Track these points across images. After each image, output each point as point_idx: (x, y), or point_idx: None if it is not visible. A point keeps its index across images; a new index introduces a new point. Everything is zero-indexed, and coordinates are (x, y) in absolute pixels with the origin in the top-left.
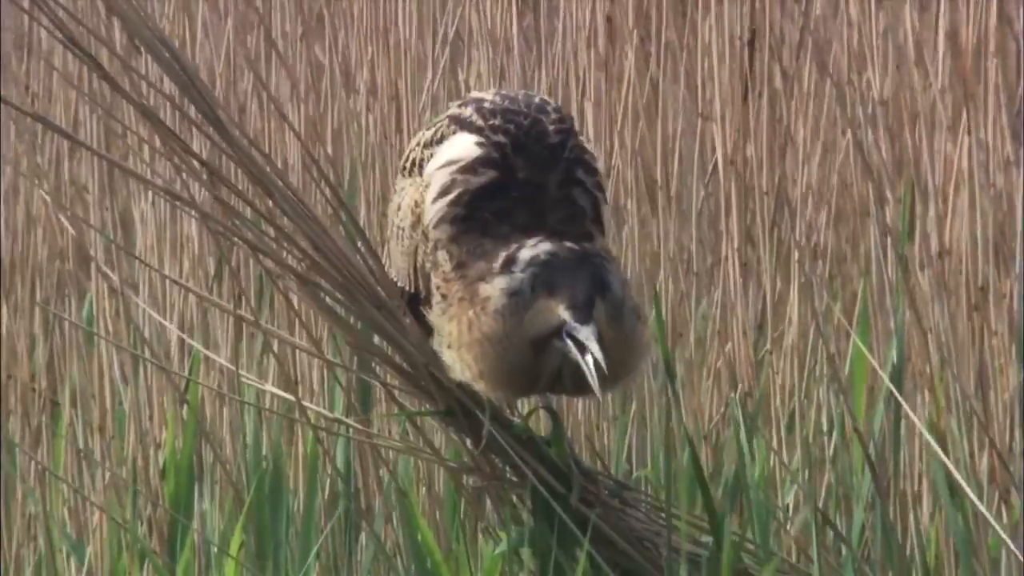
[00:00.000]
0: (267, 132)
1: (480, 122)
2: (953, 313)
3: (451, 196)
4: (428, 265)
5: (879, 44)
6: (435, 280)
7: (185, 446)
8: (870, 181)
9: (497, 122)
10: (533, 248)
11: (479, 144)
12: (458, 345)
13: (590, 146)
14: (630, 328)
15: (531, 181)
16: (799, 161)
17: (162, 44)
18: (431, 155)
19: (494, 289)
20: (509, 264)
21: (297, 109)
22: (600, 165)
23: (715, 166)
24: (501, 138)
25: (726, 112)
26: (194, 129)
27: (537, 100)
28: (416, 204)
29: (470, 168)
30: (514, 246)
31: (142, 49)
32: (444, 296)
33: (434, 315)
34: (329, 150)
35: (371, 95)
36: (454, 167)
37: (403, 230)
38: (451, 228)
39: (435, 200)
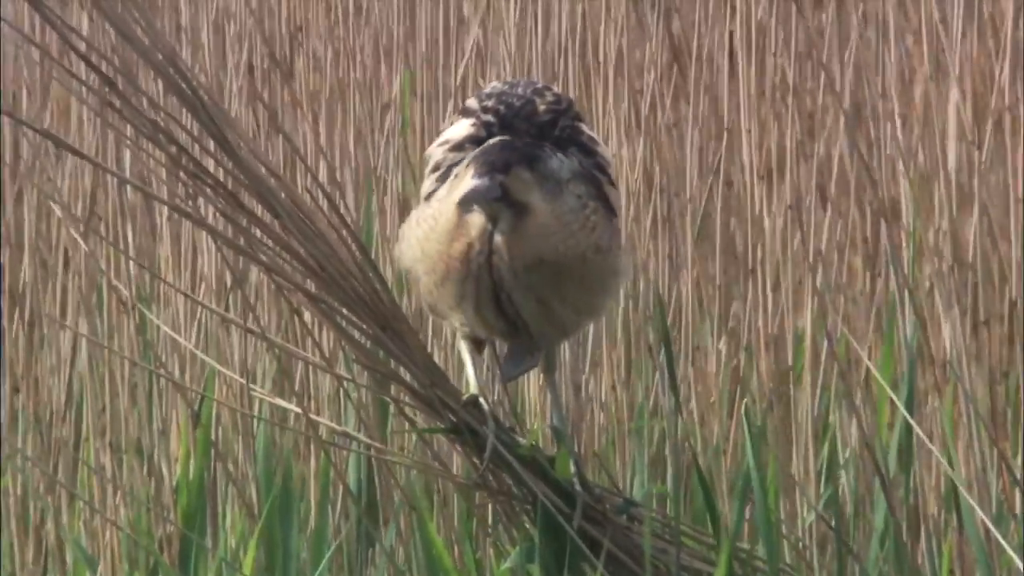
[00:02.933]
0: (275, 151)
1: (476, 105)
2: (961, 323)
3: (439, 172)
4: None
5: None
6: None
7: (197, 462)
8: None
9: (490, 104)
10: (487, 144)
11: (472, 125)
12: (417, 260)
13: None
14: (570, 208)
15: None
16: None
17: (170, 64)
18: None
19: (442, 188)
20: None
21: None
22: (604, 151)
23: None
24: (490, 117)
25: (752, 124)
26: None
27: (539, 85)
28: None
29: (459, 146)
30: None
31: (151, 71)
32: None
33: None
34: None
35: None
36: (447, 146)
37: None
38: None
39: (427, 176)
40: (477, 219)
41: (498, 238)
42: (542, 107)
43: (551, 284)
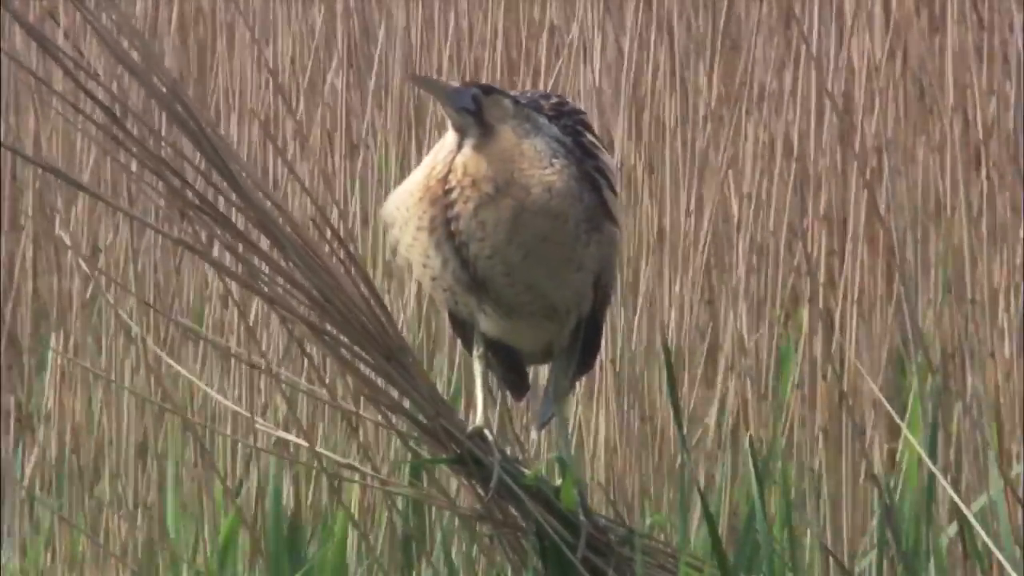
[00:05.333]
0: (278, 183)
1: None
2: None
3: None
4: None
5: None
6: None
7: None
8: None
9: None
10: None
11: None
12: (396, 199)
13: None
14: (537, 149)
15: None
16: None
17: (176, 99)
18: None
19: None
20: None
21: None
22: (607, 157)
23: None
24: None
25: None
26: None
27: (549, 93)
28: None
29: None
30: None
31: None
32: None
33: None
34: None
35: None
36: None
37: None
38: None
39: None
40: (448, 141)
41: (459, 158)
42: (546, 105)
43: (497, 216)
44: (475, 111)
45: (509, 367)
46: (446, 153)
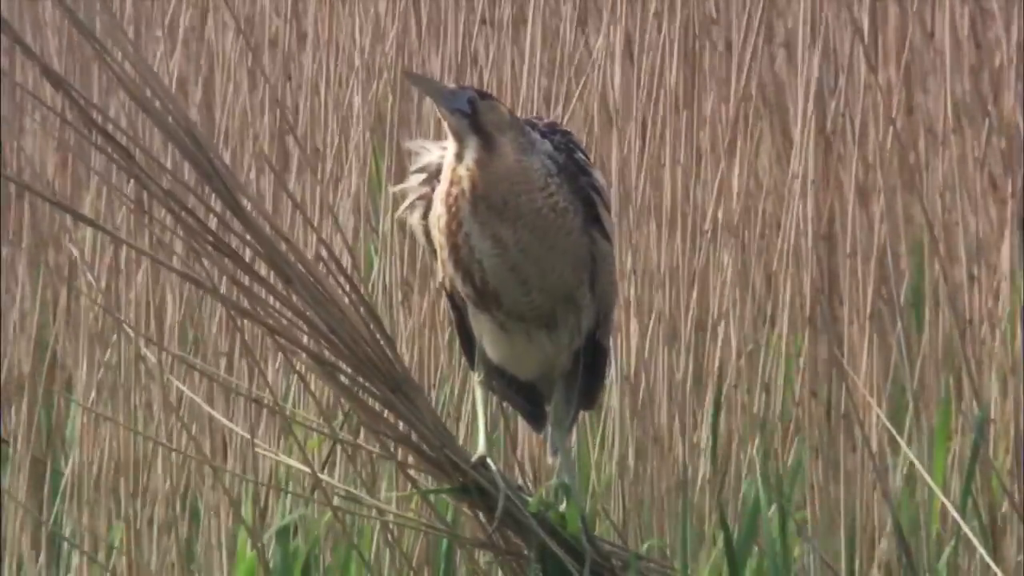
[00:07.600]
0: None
1: None
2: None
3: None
4: None
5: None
6: None
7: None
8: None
9: None
10: None
11: None
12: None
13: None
14: (535, 168)
15: None
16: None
17: (185, 133)
18: None
19: None
20: None
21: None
22: (599, 175)
23: None
24: None
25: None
26: (212, 215)
27: (542, 116)
28: None
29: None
30: None
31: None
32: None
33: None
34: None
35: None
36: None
37: None
38: None
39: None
40: (449, 155)
41: (460, 169)
42: (539, 124)
43: (515, 236)
44: (470, 114)
45: (528, 399)
46: (447, 166)
